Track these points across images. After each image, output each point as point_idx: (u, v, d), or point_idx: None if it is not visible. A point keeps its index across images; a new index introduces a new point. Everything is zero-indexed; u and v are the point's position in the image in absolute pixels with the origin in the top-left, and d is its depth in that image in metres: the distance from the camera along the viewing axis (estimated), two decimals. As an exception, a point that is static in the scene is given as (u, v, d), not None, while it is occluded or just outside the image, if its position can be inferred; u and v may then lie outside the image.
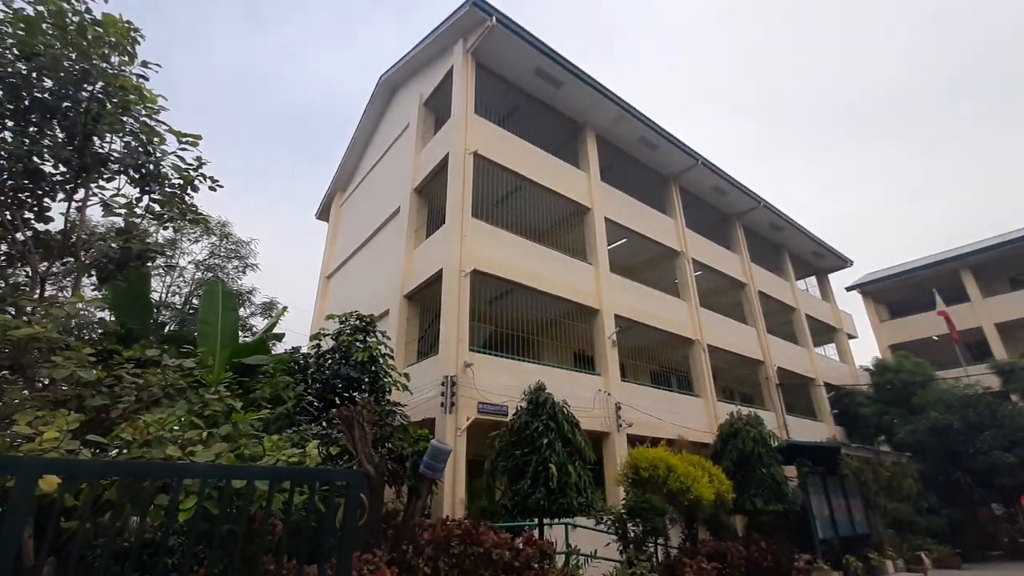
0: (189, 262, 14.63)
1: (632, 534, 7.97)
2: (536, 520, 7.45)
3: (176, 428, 3.30)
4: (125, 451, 3.00)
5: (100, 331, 6.87)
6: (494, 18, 12.67)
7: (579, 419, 8.40)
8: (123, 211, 4.71)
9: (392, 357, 9.46)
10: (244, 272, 14.94)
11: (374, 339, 9.10)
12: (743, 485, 9.63)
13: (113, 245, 4.89)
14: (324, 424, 7.62)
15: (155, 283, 14.02)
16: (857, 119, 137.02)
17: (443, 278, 11.53)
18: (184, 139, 4.95)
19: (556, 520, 7.88)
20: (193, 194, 6.28)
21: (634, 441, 11.80)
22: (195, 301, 13.49)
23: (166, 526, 2.54)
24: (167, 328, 12.62)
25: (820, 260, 26.19)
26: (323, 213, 21.47)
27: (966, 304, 26.38)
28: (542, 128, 15.31)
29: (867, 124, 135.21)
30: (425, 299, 13.04)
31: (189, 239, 14.69)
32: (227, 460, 3.15)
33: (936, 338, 26.18)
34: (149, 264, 4.83)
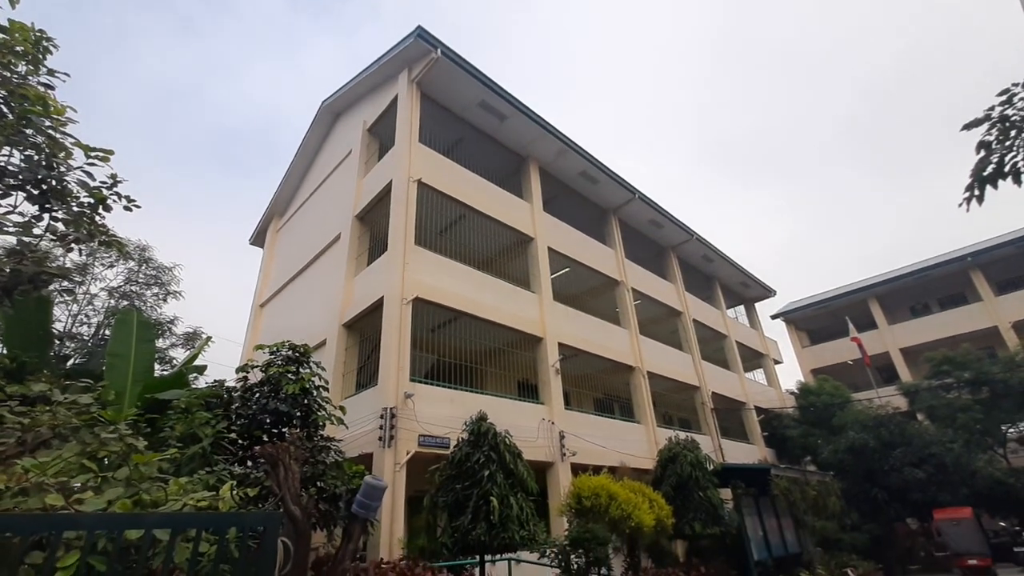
0: (102, 289, 13.39)
1: (575, 566, 7.84)
2: (477, 557, 7.17)
3: (63, 472, 2.91)
4: (-5, 502, 2.59)
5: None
6: (439, 51, 12.90)
7: (523, 449, 8.27)
8: (11, 225, 4.23)
9: (327, 389, 8.97)
10: (165, 300, 13.83)
11: (307, 370, 8.61)
12: (682, 509, 9.78)
13: (5, 269, 4.37)
14: (249, 464, 7.05)
15: (60, 312, 12.71)
16: (770, 157, 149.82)
17: (384, 306, 11.24)
18: (92, 153, 4.57)
19: (499, 556, 7.62)
20: (105, 214, 5.81)
21: (577, 470, 11.74)
22: (107, 332, 12.32)
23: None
24: (71, 362, 11.41)
25: (747, 290, 27.88)
26: (258, 239, 20.54)
27: (875, 331, 28.85)
28: (487, 159, 15.56)
29: (781, 162, 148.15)
30: (365, 328, 12.62)
31: (103, 264, 13.48)
32: (122, 507, 2.79)
33: (851, 362, 28.33)
34: (47, 289, 4.33)
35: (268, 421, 7.72)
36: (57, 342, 10.99)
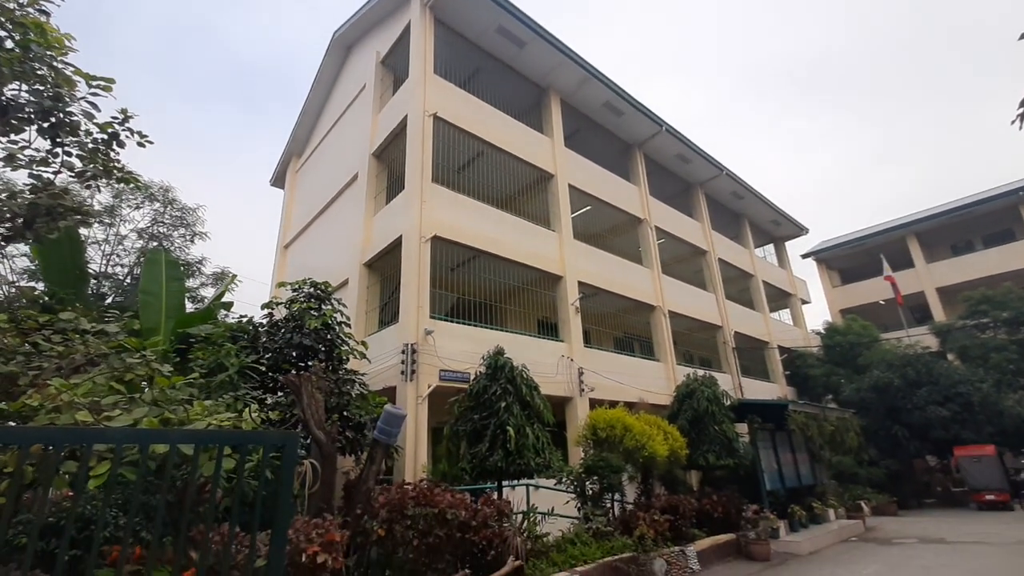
0: (131, 230, 13.78)
1: (590, 491, 8.19)
2: (496, 483, 7.53)
3: (92, 394, 3.08)
4: (31, 419, 2.77)
5: (21, 299, 6.40)
6: (452, -30, 12.06)
7: (542, 384, 8.45)
8: (24, 159, 4.27)
9: (349, 325, 9.23)
10: (192, 241, 14.19)
11: (329, 307, 8.84)
12: (696, 442, 10.00)
13: (23, 200, 4.46)
14: (278, 393, 7.42)
15: (94, 253, 13.20)
16: (813, 85, 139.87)
17: (403, 245, 11.28)
18: (94, 82, 4.49)
19: (517, 482, 7.99)
20: (119, 150, 5.87)
21: (595, 405, 12.00)
22: (138, 272, 12.79)
23: (77, 496, 2.37)
24: (108, 300, 11.96)
25: (778, 228, 26.91)
26: (278, 180, 20.56)
27: (911, 270, 27.73)
28: (505, 91, 14.89)
29: (824, 90, 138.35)
30: (385, 267, 12.75)
31: (129, 205, 13.78)
32: (149, 425, 2.97)
33: (883, 302, 27.54)
34: (74, 228, 4.40)
35: (294, 355, 8.03)
36: (93, 281, 11.49)
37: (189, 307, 10.59)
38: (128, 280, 13.07)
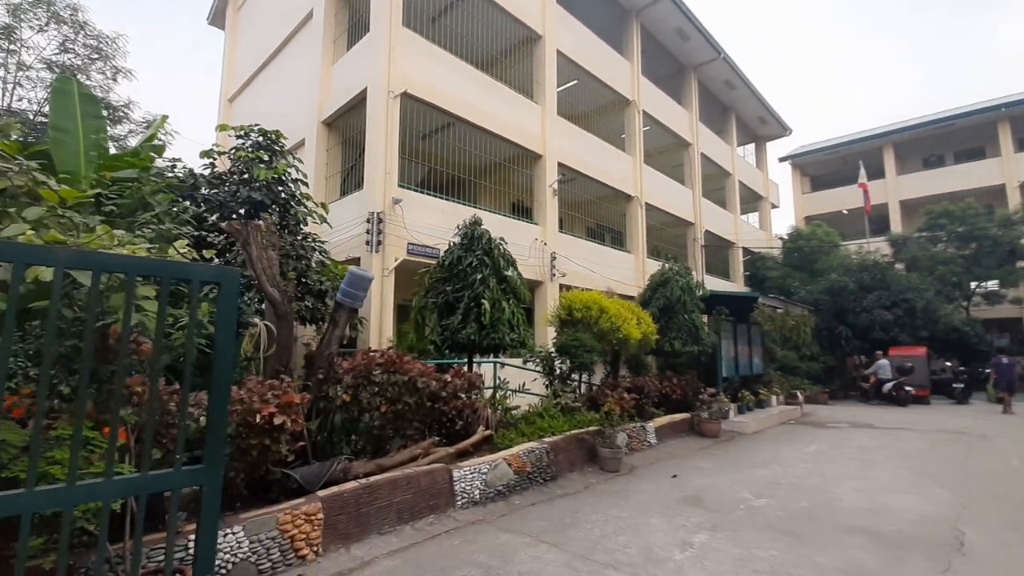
0: (36, 59, 11.46)
1: (559, 370, 8.14)
2: (465, 357, 7.28)
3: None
4: None
5: None
6: None
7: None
8: None
9: (306, 184, 8.22)
10: (115, 79, 12.00)
11: (283, 161, 7.73)
12: (665, 329, 10.06)
13: None
14: (221, 254, 6.60)
15: (-8, 84, 11.02)
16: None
17: (368, 100, 9.91)
18: None
19: (485, 359, 7.79)
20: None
21: (565, 291, 11.83)
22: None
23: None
24: (13, 138, 10.20)
25: (763, 127, 25.93)
26: (217, 18, 17.50)
27: (880, 181, 27.91)
28: (492, -79, 12.46)
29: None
30: (347, 127, 11.35)
31: (31, 27, 11.33)
32: (27, 241, 2.23)
33: (846, 211, 28.03)
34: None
35: (241, 212, 7.09)
36: (-7, 115, 9.65)
37: (114, 151, 9.11)
38: (39, 119, 11.15)
